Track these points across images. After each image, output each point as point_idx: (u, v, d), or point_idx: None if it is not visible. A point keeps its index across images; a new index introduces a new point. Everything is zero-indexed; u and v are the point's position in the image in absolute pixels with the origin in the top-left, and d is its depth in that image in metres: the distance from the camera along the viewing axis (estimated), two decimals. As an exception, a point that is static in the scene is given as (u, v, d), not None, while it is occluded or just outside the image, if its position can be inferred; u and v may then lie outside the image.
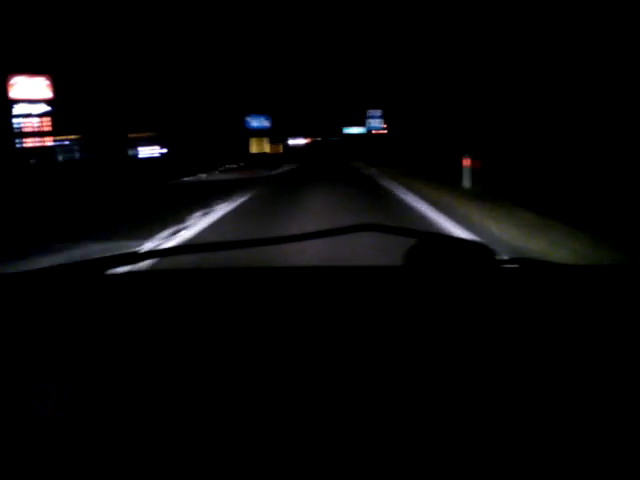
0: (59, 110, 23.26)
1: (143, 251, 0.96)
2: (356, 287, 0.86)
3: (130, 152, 30.08)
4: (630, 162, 9.62)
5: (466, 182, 10.57)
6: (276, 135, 47.76)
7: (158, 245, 5.60)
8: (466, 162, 10.66)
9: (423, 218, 6.98)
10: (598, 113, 13.34)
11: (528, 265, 0.97)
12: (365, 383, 0.52)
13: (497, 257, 0.96)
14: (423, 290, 0.83)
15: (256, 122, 45.94)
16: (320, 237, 0.98)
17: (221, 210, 8.55)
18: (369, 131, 41.82)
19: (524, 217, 6.46)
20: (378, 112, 40.60)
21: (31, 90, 22.32)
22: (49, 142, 23.01)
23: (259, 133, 46.02)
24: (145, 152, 30.71)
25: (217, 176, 20.08)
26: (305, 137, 61.38)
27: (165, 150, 31.11)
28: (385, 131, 37.06)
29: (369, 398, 0.50)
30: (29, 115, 22.26)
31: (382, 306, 0.75)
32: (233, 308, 0.76)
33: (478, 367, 0.55)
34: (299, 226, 6.48)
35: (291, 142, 61.63)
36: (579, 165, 10.72)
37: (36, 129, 22.35)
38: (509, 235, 5.43)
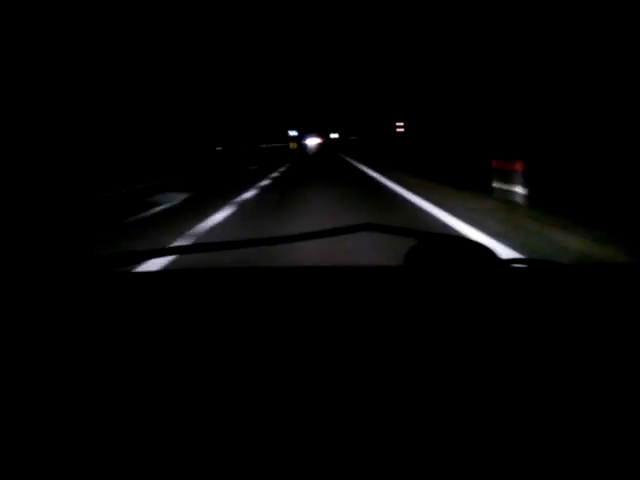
0: None
1: (146, 250, 0.97)
2: (356, 287, 0.86)
3: None
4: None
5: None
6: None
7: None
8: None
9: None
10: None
11: (529, 265, 0.96)
12: (366, 383, 0.53)
13: (499, 257, 0.96)
14: (424, 290, 0.83)
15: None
16: (320, 237, 0.98)
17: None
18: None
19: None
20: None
21: None
22: None
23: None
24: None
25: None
26: (318, 135, 58.00)
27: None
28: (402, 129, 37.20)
29: (370, 398, 0.50)
30: None
31: (383, 306, 0.75)
32: (233, 308, 0.77)
33: (482, 368, 0.55)
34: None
35: (308, 141, 57.50)
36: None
37: None
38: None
